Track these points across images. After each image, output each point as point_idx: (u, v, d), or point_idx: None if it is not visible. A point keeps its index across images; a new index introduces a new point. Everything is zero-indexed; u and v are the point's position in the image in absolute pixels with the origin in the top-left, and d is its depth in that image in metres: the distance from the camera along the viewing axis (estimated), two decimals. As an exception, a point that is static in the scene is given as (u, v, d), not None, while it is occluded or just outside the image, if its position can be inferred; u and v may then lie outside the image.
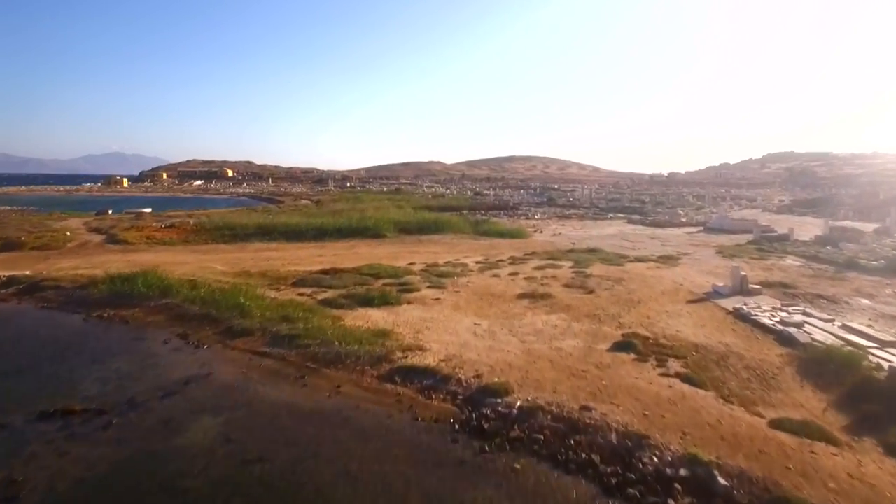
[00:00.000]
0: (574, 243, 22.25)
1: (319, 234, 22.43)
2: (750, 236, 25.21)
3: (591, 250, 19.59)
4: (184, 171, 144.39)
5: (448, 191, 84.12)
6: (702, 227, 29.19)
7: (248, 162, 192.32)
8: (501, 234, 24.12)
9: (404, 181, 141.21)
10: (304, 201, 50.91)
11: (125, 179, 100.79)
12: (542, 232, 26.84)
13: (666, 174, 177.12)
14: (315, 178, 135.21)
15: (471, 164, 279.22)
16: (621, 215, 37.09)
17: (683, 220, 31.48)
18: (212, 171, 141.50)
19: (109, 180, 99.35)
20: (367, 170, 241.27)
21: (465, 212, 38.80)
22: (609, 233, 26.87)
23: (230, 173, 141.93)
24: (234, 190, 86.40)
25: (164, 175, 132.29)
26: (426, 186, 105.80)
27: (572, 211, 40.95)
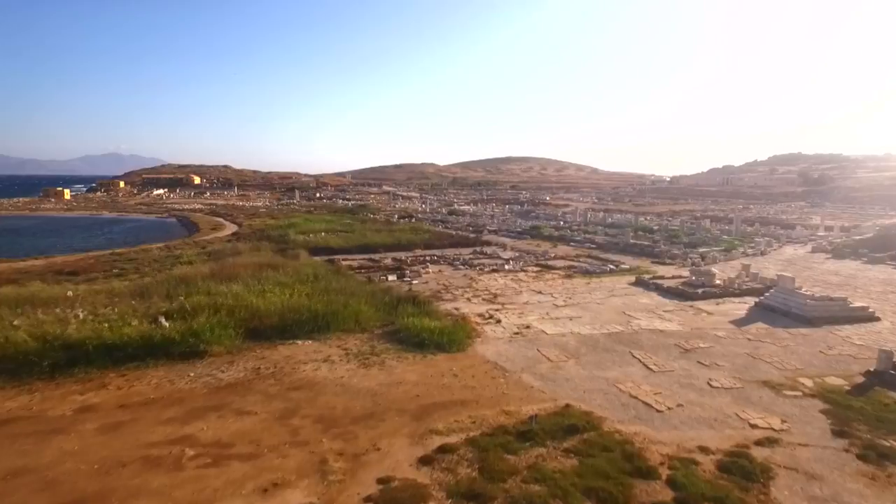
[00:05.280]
0: (545, 376, 11.90)
1: (71, 360, 12.06)
2: (841, 333, 15.08)
3: (570, 429, 9.24)
4: (148, 179, 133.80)
5: (424, 206, 74.07)
6: (753, 302, 18.86)
7: (226, 167, 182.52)
8: (420, 344, 13.75)
9: (388, 188, 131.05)
10: (218, 233, 40.38)
11: (66, 191, 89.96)
12: (499, 321, 16.44)
13: (668, 178, 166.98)
14: (289, 186, 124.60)
15: (466, 165, 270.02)
16: (625, 264, 26.71)
17: (719, 281, 21.19)
18: (177, 179, 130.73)
19: (48, 192, 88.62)
20: (360, 172, 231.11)
21: (411, 255, 28.53)
22: (609, 320, 16.48)
23: (197, 181, 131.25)
24: (180, 204, 75.77)
25: (122, 184, 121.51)
26: (403, 197, 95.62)
27: (558, 252, 30.56)
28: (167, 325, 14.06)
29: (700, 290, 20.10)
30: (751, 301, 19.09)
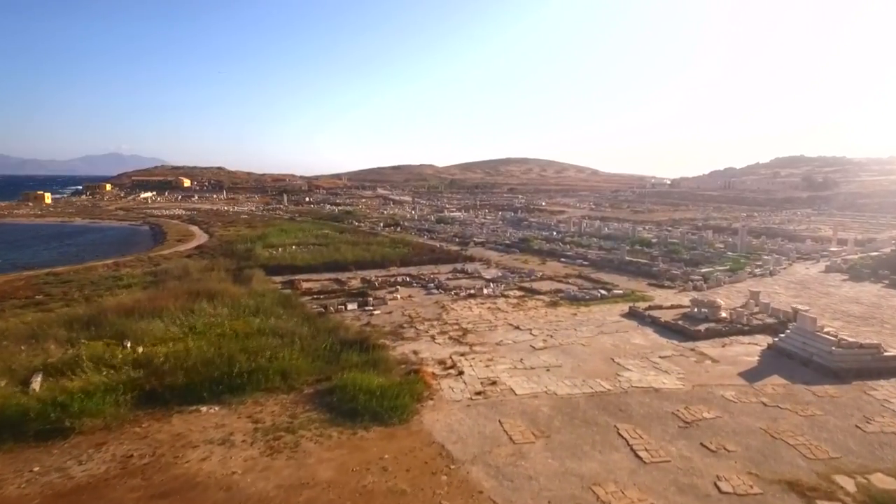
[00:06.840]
0: (501, 471, 9.10)
1: None
2: (877, 394, 12.45)
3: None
4: (137, 181, 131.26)
5: (413, 211, 71.44)
6: (766, 344, 16.03)
7: (219, 168, 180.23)
8: (353, 412, 10.98)
9: (383, 191, 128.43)
10: (182, 246, 37.69)
11: (47, 195, 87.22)
12: (461, 373, 13.64)
13: (669, 181, 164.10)
14: (281, 189, 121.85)
15: (465, 167, 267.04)
16: (619, 287, 23.89)
17: (724, 314, 18.38)
18: (166, 181, 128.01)
19: (27, 196, 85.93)
20: (358, 173, 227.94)
21: (384, 274, 25.75)
22: (594, 372, 13.67)
23: (187, 183, 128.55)
24: (161, 210, 73.08)
25: (108, 187, 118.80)
26: (394, 201, 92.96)
27: (546, 271, 27.73)
28: (37, 388, 11.30)
29: (703, 327, 17.28)
30: (763, 341, 16.28)
